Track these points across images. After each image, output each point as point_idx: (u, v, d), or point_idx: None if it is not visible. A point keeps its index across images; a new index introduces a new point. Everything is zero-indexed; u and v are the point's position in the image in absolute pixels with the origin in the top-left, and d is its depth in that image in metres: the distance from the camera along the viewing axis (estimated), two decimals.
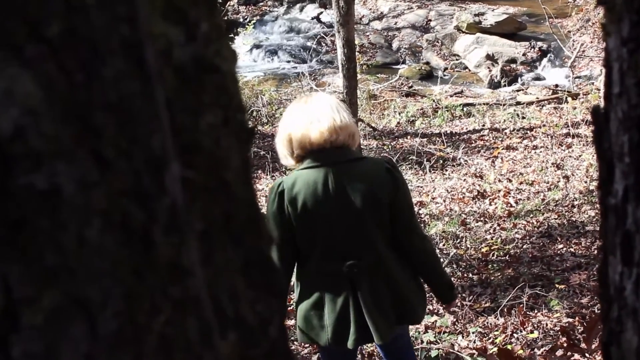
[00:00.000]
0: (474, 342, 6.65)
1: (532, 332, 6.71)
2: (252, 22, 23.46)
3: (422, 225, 9.91)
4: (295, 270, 4.20)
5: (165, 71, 0.76)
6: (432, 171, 12.33)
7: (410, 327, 6.07)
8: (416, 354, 6.24)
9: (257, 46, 23.26)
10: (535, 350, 6.37)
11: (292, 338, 6.50)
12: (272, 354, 0.87)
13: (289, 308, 5.72)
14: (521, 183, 11.32)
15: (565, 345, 6.08)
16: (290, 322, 6.74)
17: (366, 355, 6.41)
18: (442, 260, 8.39)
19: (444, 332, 6.83)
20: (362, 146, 10.11)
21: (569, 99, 15.85)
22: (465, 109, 16.11)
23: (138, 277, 0.71)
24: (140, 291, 0.71)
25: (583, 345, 6.08)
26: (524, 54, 20.32)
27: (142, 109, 0.71)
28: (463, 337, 6.78)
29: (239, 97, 0.89)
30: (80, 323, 0.67)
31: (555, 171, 11.66)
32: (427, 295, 4.79)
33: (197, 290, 0.76)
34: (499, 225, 9.64)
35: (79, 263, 0.67)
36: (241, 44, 23.21)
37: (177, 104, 0.78)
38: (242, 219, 0.87)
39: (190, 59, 0.80)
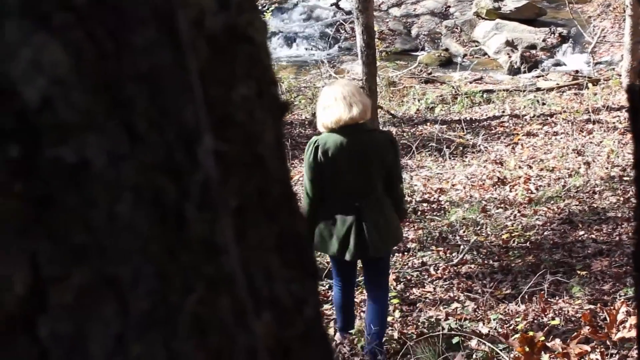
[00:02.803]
0: (495, 329, 6.63)
1: (553, 319, 6.68)
2: (271, 9, 23.40)
3: (442, 211, 9.87)
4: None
5: (197, 41, 0.73)
6: (452, 158, 12.28)
7: (432, 313, 6.94)
8: (435, 340, 6.23)
9: (275, 33, 23.19)
10: (557, 336, 6.33)
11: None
12: (307, 335, 0.84)
13: None
14: (542, 169, 11.26)
15: (587, 331, 6.05)
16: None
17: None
18: (462, 247, 8.37)
19: (465, 319, 6.80)
20: None
21: (590, 84, 15.76)
22: (484, 95, 16.03)
23: (170, 255, 0.68)
24: (173, 270, 0.68)
25: (606, 331, 6.05)
26: (543, 40, 20.20)
27: (174, 80, 0.68)
28: (484, 324, 6.75)
29: (272, 70, 0.85)
30: (110, 302, 0.64)
31: (576, 157, 11.61)
32: (445, 280, 7.22)
33: (231, 268, 0.72)
34: (519, 211, 9.61)
35: (109, 240, 0.64)
36: None
37: (209, 75, 0.75)
38: (276, 195, 0.83)
39: (223, 28, 0.77)
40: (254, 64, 0.81)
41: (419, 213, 9.85)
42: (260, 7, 23.79)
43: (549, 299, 7.02)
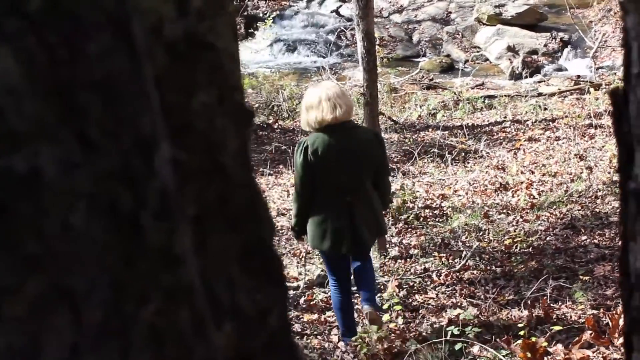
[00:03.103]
0: (498, 334, 6.60)
1: (555, 324, 6.65)
2: (272, 16, 23.40)
3: (444, 217, 9.86)
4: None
5: (155, 48, 0.72)
6: (454, 164, 12.26)
7: (434, 319, 7.00)
8: (440, 347, 6.22)
9: (277, 41, 23.20)
10: (560, 342, 6.31)
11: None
12: (271, 345, 0.83)
13: None
14: (544, 175, 11.23)
15: (590, 337, 6.03)
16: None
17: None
18: (464, 252, 8.35)
19: (468, 325, 6.78)
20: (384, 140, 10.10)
21: (591, 89, 15.71)
22: (486, 101, 16.01)
23: (126, 264, 0.67)
24: (129, 279, 0.67)
25: (609, 337, 6.03)
26: (545, 45, 20.17)
27: (130, 87, 0.67)
28: (487, 330, 6.73)
29: (236, 76, 0.84)
30: (64, 313, 0.63)
31: (578, 162, 11.57)
32: (447, 286, 7.53)
33: (189, 278, 0.71)
34: (521, 217, 9.58)
35: (62, 250, 0.63)
36: (261, 38, 23.17)
37: (168, 82, 0.73)
38: (239, 203, 0.82)
39: (182, 35, 0.75)
40: (216, 71, 0.80)
41: (421, 219, 9.83)
42: (262, 15, 23.82)
43: (551, 305, 7.00)
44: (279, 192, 11.21)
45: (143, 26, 0.71)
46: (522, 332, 6.51)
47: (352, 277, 6.63)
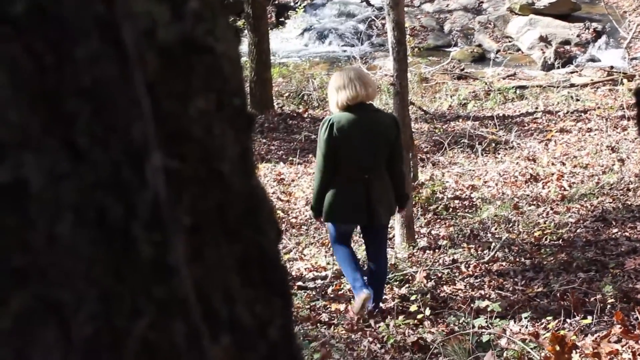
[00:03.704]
0: (526, 327, 6.57)
1: (585, 317, 6.60)
2: (303, 5, 23.38)
3: (473, 208, 9.81)
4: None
5: (147, 53, 0.70)
6: (484, 154, 12.20)
7: (462, 311, 6.95)
8: (467, 338, 6.19)
9: (307, 30, 23.17)
10: (589, 335, 6.26)
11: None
12: (272, 357, 0.81)
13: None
14: (575, 166, 11.16)
15: (619, 331, 5.98)
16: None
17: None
18: (494, 244, 8.31)
19: (496, 317, 6.74)
20: (412, 130, 10.05)
21: (625, 80, 15.59)
22: (518, 91, 15.92)
23: (117, 277, 0.65)
24: (119, 293, 0.65)
25: (638, 331, 5.97)
26: (578, 35, 20.03)
27: (120, 94, 0.65)
28: (515, 322, 6.70)
29: (237, 80, 0.82)
30: (52, 328, 0.61)
31: (610, 154, 11.48)
32: (476, 278, 7.75)
33: (184, 290, 0.69)
34: (552, 209, 9.52)
35: (49, 262, 0.61)
36: (292, 27, 23.16)
37: (161, 89, 0.71)
38: (238, 212, 0.80)
39: (177, 39, 0.73)
40: (214, 75, 0.78)
41: (451, 210, 9.79)
42: (293, 4, 23.80)
43: (580, 297, 6.94)
44: (308, 181, 11.19)
45: (134, 30, 0.69)
46: (550, 325, 6.47)
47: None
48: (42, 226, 0.61)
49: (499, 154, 12.32)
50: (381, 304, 7.08)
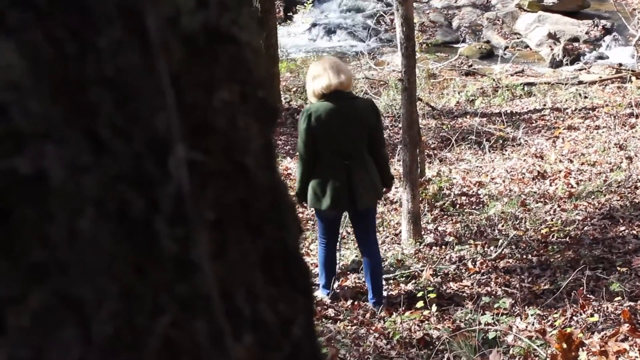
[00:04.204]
0: (533, 324, 6.55)
1: (592, 315, 6.58)
2: (311, 0, 23.34)
3: (480, 205, 9.80)
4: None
5: (171, 41, 0.67)
6: (492, 151, 12.17)
7: (469, 307, 6.97)
8: (474, 335, 6.18)
9: (315, 24, 23.13)
10: (595, 333, 6.24)
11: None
12: (295, 356, 0.79)
13: None
14: (582, 164, 11.13)
15: (626, 329, 5.96)
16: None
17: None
18: (501, 241, 8.30)
19: (502, 314, 6.73)
20: (420, 125, 10.05)
21: (633, 78, 15.54)
22: (526, 88, 15.87)
23: (138, 273, 0.63)
24: (141, 290, 0.63)
25: None
26: (586, 33, 19.97)
27: (143, 84, 0.63)
28: (521, 319, 6.69)
29: (261, 71, 0.79)
30: (71, 325, 0.59)
31: (618, 152, 11.45)
32: (482, 274, 7.73)
33: (207, 287, 0.67)
34: (559, 206, 9.50)
35: (69, 258, 0.59)
36: (300, 22, 23.13)
37: (185, 79, 0.69)
38: (262, 207, 0.78)
39: (201, 28, 0.71)
40: (238, 66, 0.76)
41: (457, 206, 9.78)
42: None
43: (587, 295, 6.92)
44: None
45: (158, 18, 0.66)
46: (557, 323, 6.45)
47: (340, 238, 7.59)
48: (63, 220, 0.59)
49: (506, 150, 12.30)
50: (385, 293, 7.27)
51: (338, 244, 7.71)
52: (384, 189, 7.13)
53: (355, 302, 7.28)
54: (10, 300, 0.58)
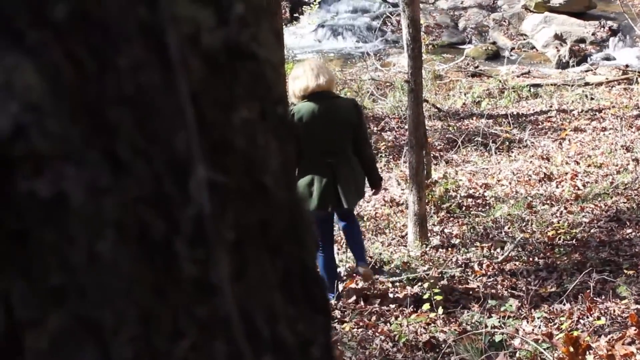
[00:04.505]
0: (539, 327, 6.54)
1: (599, 318, 6.57)
2: (318, 1, 23.34)
3: (487, 207, 9.79)
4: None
5: (191, 59, 0.66)
6: (498, 153, 12.17)
7: (475, 310, 6.96)
8: (480, 338, 6.16)
9: (322, 26, 23.12)
10: (602, 337, 6.22)
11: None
12: None
13: None
14: (589, 166, 11.11)
15: (633, 332, 5.94)
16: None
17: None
18: (507, 243, 8.29)
19: (509, 317, 6.72)
20: (426, 127, 10.05)
21: None
22: (532, 89, 15.85)
23: (158, 296, 0.62)
24: (161, 313, 0.62)
25: None
26: (593, 34, 19.94)
27: (164, 103, 0.62)
28: (528, 322, 6.67)
29: (280, 88, 0.78)
30: (90, 349, 0.59)
31: (625, 154, 11.43)
32: (489, 277, 7.66)
33: (226, 310, 0.66)
34: (565, 208, 9.48)
35: (89, 281, 0.58)
36: (306, 23, 23.12)
37: (205, 97, 0.68)
38: (281, 227, 0.77)
39: (222, 45, 0.70)
40: (258, 83, 0.75)
41: (464, 208, 9.76)
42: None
43: (594, 298, 6.90)
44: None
45: (179, 36, 0.66)
46: (564, 326, 6.44)
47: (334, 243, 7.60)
48: (82, 243, 0.59)
49: (512, 152, 12.29)
50: (392, 295, 7.47)
51: (344, 246, 7.78)
52: (373, 190, 7.37)
53: (361, 304, 7.27)
54: (29, 322, 0.57)
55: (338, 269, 7.97)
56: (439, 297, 7.10)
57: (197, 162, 0.64)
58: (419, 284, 7.58)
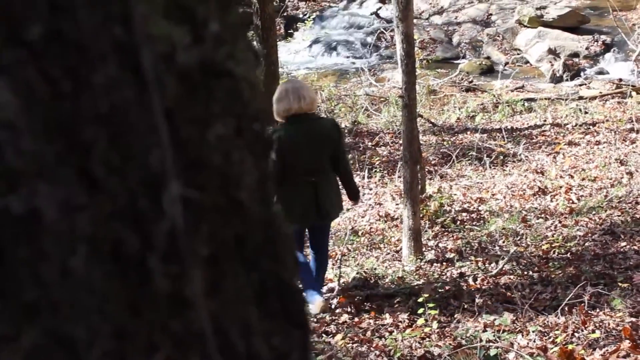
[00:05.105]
0: (534, 341, 6.53)
1: (593, 331, 6.55)
2: (312, 17, 23.39)
3: (481, 221, 9.79)
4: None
5: (166, 77, 0.67)
6: (492, 167, 12.18)
7: (470, 325, 6.89)
8: (475, 352, 6.16)
9: (316, 41, 23.16)
10: (597, 350, 6.22)
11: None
12: None
13: None
14: (583, 179, 11.13)
15: (628, 346, 5.94)
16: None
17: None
18: (502, 257, 8.29)
19: (503, 331, 6.71)
20: (421, 142, 10.06)
21: (634, 93, 15.55)
22: (526, 104, 15.88)
23: (132, 311, 0.62)
24: (135, 328, 0.62)
25: None
26: (587, 48, 19.98)
27: (138, 120, 0.62)
28: (523, 335, 6.66)
29: (257, 104, 0.79)
30: None
31: (619, 167, 11.45)
32: (484, 291, 7.57)
33: (200, 324, 0.67)
34: (560, 222, 9.49)
35: (62, 297, 0.59)
36: (301, 39, 23.16)
37: (180, 114, 0.69)
38: (257, 242, 0.77)
39: (197, 63, 0.71)
40: (234, 100, 0.76)
41: (458, 223, 9.77)
42: (302, 15, 23.83)
43: (589, 312, 6.90)
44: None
45: (153, 54, 0.66)
46: (559, 339, 6.43)
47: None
48: (55, 259, 0.59)
49: (507, 166, 12.30)
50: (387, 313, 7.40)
51: (339, 261, 7.87)
52: (352, 203, 7.84)
53: (356, 319, 7.27)
54: (3, 338, 0.57)
55: (332, 284, 7.99)
56: (433, 312, 7.10)
57: (171, 179, 0.65)
58: (414, 298, 7.58)
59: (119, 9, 0.62)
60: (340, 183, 7.45)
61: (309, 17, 23.38)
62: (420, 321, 7.00)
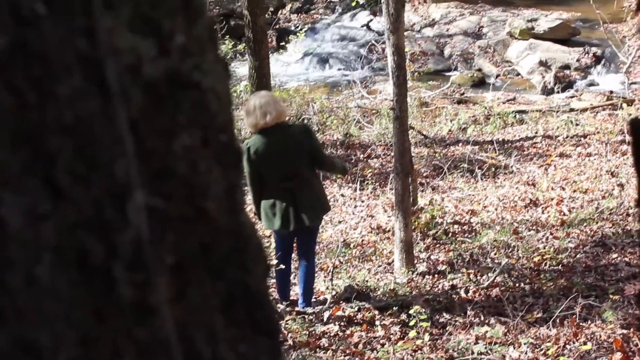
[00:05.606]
0: (526, 353, 6.54)
1: (585, 343, 6.57)
2: (304, 30, 23.43)
3: (473, 233, 9.80)
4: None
5: (132, 89, 0.68)
6: (484, 179, 12.19)
7: (461, 337, 6.89)
8: None
9: (308, 54, 23.20)
10: None
11: None
12: None
13: None
14: (575, 191, 11.14)
15: (619, 357, 5.95)
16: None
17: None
18: (493, 269, 8.29)
19: (495, 343, 6.72)
20: (412, 154, 10.06)
21: (624, 105, 15.59)
22: (517, 116, 15.90)
23: (97, 319, 0.63)
24: (100, 335, 0.63)
25: (638, 358, 5.95)
26: (577, 60, 20.03)
27: (103, 131, 0.64)
28: (514, 348, 6.67)
29: (225, 115, 0.80)
30: None
31: (610, 179, 11.46)
32: (475, 303, 7.60)
33: (165, 331, 0.68)
34: (551, 234, 9.50)
35: (27, 304, 0.60)
36: (293, 52, 23.19)
37: (146, 125, 0.70)
38: (223, 250, 0.78)
39: (163, 75, 0.72)
40: (200, 111, 0.77)
41: (450, 235, 9.78)
42: (294, 28, 23.87)
43: (580, 323, 6.91)
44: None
45: (119, 66, 0.67)
46: (550, 351, 6.44)
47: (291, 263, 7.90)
48: (21, 267, 0.60)
49: (498, 178, 12.31)
50: (378, 322, 7.47)
51: (331, 273, 7.89)
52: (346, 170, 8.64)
53: (348, 332, 7.27)
54: None
55: (324, 296, 8.00)
56: (425, 324, 7.10)
57: (136, 188, 0.66)
58: (406, 310, 7.58)
59: (83, 22, 0.63)
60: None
61: (301, 29, 23.42)
62: (412, 333, 7.00)
